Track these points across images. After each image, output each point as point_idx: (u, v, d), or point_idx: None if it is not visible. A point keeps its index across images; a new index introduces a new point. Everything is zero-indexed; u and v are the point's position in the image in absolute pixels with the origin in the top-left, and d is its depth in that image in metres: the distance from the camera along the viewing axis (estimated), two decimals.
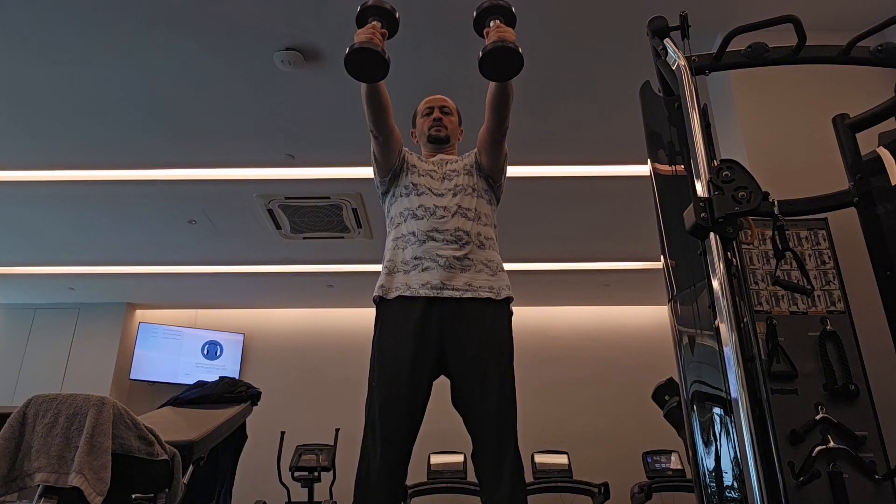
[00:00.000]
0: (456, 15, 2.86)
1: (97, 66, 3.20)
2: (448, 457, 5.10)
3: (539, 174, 4.19)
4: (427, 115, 2.16)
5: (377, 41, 1.75)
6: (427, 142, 2.14)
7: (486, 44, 1.76)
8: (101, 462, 2.07)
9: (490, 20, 1.82)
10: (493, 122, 1.96)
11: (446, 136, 2.13)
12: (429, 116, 2.15)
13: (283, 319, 7.08)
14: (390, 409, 1.73)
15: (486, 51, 1.74)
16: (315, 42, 3.04)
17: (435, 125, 2.13)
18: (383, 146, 1.99)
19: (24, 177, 4.20)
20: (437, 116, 2.14)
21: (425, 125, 2.15)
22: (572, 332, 6.83)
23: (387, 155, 2.01)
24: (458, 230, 1.89)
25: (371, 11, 1.84)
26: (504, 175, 2.10)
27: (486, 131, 2.00)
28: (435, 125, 2.13)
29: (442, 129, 2.12)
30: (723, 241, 1.38)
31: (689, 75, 1.64)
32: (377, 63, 1.75)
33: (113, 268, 5.85)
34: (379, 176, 2.07)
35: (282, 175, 4.23)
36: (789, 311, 2.26)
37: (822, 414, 2.07)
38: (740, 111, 2.87)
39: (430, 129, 2.13)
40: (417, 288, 1.81)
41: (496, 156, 2.03)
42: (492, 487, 1.68)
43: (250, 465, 3.97)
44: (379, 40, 1.76)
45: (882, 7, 2.72)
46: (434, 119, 2.14)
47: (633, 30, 2.81)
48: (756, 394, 1.28)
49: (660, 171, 2.07)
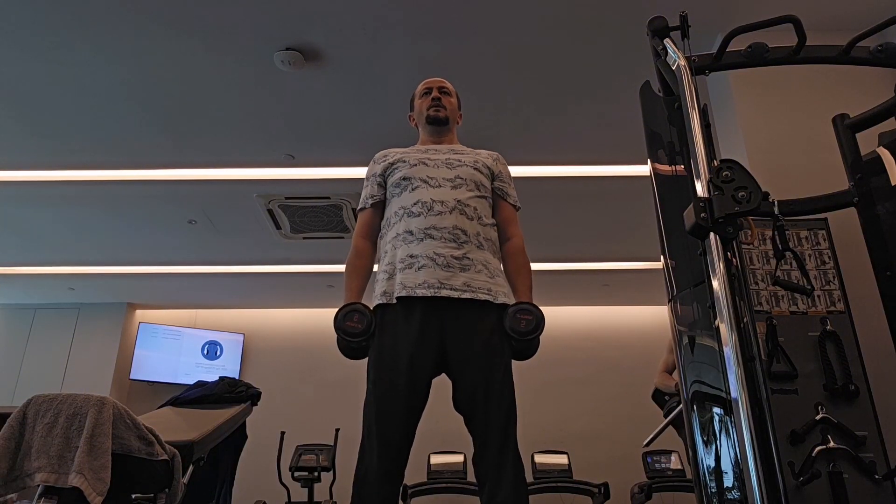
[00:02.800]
0: (454, 9, 2.86)
1: (97, 67, 3.20)
2: (448, 457, 5.10)
3: (539, 174, 4.19)
4: (425, 96, 2.11)
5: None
6: (426, 123, 2.09)
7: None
8: (101, 462, 2.07)
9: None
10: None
11: (445, 117, 2.08)
12: (427, 97, 2.10)
13: (283, 319, 7.08)
14: (388, 411, 1.72)
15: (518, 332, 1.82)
16: (315, 42, 3.04)
17: (434, 105, 2.08)
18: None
19: (24, 177, 4.20)
20: (436, 96, 2.09)
21: (424, 105, 2.10)
22: (572, 332, 6.82)
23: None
24: (457, 228, 1.84)
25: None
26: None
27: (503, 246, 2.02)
28: (434, 105, 2.08)
29: (441, 110, 2.07)
30: (723, 241, 1.38)
31: (689, 75, 1.63)
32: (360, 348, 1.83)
33: (113, 268, 5.85)
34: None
35: (282, 175, 4.23)
36: (789, 311, 2.26)
37: (822, 414, 2.07)
38: (740, 111, 2.87)
39: (428, 108, 2.08)
40: (415, 287, 1.77)
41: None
42: (492, 488, 1.67)
43: (250, 465, 3.98)
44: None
45: (882, 7, 2.72)
46: (433, 99, 2.09)
47: (633, 30, 2.81)
48: (756, 394, 1.28)
49: (660, 171, 2.07)
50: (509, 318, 1.80)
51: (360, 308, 1.80)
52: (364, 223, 2.01)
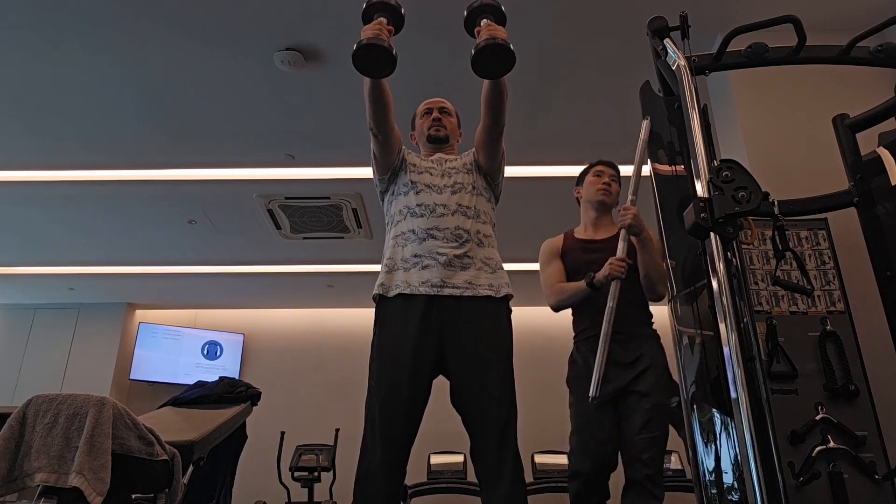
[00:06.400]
0: (453, 14, 2.86)
1: (97, 67, 3.20)
2: (448, 457, 5.10)
3: (539, 174, 4.19)
4: (426, 116, 2.17)
5: (384, 37, 1.74)
6: (426, 142, 2.15)
7: (477, 42, 1.76)
8: (100, 462, 2.07)
9: (480, 19, 1.82)
10: (489, 121, 1.97)
11: (445, 136, 2.13)
12: (428, 117, 2.16)
13: (283, 319, 7.07)
14: (390, 409, 1.73)
15: (477, 49, 1.73)
16: (315, 42, 3.04)
17: (434, 125, 2.14)
18: (383, 144, 2.00)
19: (24, 177, 4.20)
20: (437, 116, 2.15)
21: (424, 125, 2.16)
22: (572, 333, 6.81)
23: (386, 153, 2.01)
24: (458, 228, 1.89)
25: (377, 7, 1.84)
26: (502, 174, 2.11)
27: (483, 130, 2.01)
28: (434, 125, 2.14)
29: (441, 129, 2.13)
30: (723, 242, 1.38)
31: (689, 75, 1.64)
32: (385, 59, 1.76)
33: (113, 268, 5.85)
34: (378, 174, 2.08)
35: (282, 175, 4.23)
36: (789, 312, 2.26)
37: (822, 414, 2.07)
38: (740, 111, 2.87)
39: (429, 128, 2.14)
40: (417, 286, 1.81)
41: (493, 154, 2.03)
42: (492, 487, 1.67)
43: (250, 465, 3.97)
44: (386, 36, 1.75)
45: (882, 7, 2.72)
46: (433, 119, 2.15)
47: (634, 30, 2.81)
48: (756, 394, 1.28)
49: (660, 171, 2.08)
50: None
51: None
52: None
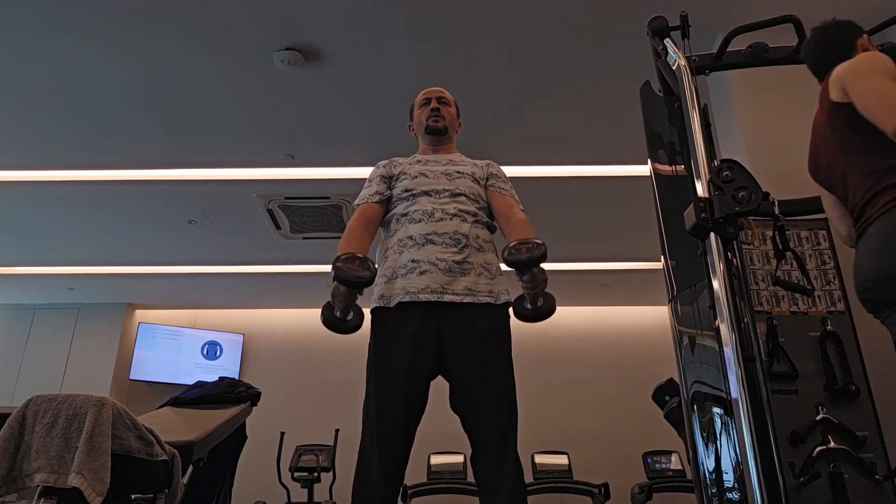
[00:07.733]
0: (454, 9, 2.86)
1: (97, 67, 3.20)
2: (448, 457, 5.09)
3: (539, 174, 4.19)
4: (424, 106, 2.13)
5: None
6: (425, 133, 2.11)
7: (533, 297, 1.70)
8: (100, 462, 2.07)
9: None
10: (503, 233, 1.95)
11: (444, 127, 2.09)
12: (426, 107, 2.12)
13: (283, 319, 7.07)
14: (388, 413, 1.72)
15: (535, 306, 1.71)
16: (315, 42, 3.03)
17: (433, 115, 2.09)
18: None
19: (24, 177, 4.20)
20: (435, 106, 2.10)
21: (423, 116, 2.11)
22: (572, 333, 6.82)
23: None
24: (457, 233, 1.85)
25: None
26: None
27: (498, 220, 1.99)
28: (433, 115, 2.09)
29: (440, 120, 2.08)
30: (723, 242, 1.38)
31: (689, 75, 1.64)
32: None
33: (113, 268, 5.85)
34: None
35: (282, 175, 4.23)
36: (790, 312, 2.26)
37: (822, 414, 2.06)
38: (740, 111, 2.87)
39: (427, 119, 2.09)
40: (417, 292, 1.77)
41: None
42: (492, 489, 1.67)
43: (250, 466, 3.97)
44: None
45: (882, 7, 2.72)
46: (432, 109, 2.10)
47: (634, 30, 2.81)
48: (756, 394, 1.28)
49: (660, 171, 2.08)
50: (507, 251, 1.66)
51: (361, 256, 1.70)
52: (362, 212, 1.95)
